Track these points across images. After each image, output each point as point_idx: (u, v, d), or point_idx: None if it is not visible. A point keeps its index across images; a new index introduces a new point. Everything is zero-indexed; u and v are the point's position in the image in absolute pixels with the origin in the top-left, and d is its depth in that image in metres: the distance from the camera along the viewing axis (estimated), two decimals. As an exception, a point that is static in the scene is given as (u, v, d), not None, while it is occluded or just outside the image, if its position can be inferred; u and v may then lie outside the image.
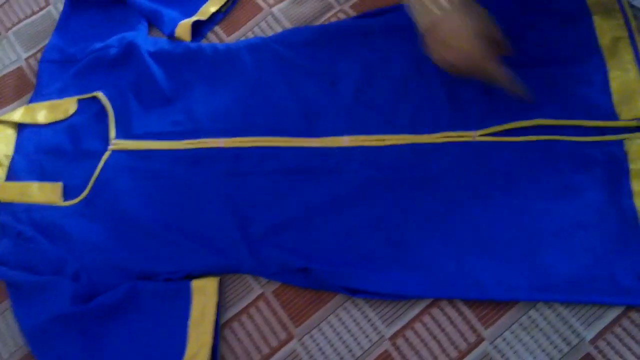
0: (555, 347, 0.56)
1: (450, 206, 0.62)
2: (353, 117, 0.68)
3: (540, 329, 0.57)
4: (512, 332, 0.57)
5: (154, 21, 0.79)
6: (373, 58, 0.71)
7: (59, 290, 0.63)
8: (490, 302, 0.58)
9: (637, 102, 0.63)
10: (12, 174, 0.73)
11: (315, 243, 0.62)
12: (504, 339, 0.57)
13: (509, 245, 0.59)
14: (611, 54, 0.66)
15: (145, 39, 0.77)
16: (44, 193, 0.70)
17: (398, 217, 0.63)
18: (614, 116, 0.63)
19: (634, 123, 0.62)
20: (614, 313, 0.57)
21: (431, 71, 0.68)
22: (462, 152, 0.64)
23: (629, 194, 0.60)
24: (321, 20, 0.76)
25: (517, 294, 0.58)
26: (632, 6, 0.67)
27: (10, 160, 0.74)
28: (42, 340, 0.62)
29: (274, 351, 0.60)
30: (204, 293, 0.61)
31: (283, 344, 0.60)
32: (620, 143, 0.62)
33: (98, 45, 0.77)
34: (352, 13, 0.75)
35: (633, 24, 0.66)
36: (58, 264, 0.65)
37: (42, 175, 0.72)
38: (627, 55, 0.66)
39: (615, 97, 0.64)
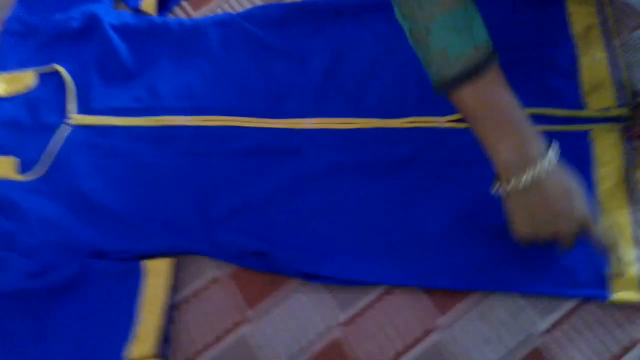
0: (511, 334, 0.56)
1: (413, 192, 0.61)
2: (320, 99, 0.67)
3: (496, 318, 0.56)
4: (467, 320, 0.56)
5: (119, -7, 0.77)
6: (344, 39, 0.70)
7: (9, 266, 0.61)
8: (447, 290, 0.57)
9: (605, 92, 0.62)
10: (-32, 147, 0.71)
11: (274, 226, 0.61)
12: (459, 327, 0.56)
13: (469, 233, 0.59)
14: (583, 42, 0.65)
15: (109, 12, 0.74)
16: (-1, 167, 0.68)
17: (359, 202, 0.62)
18: (581, 106, 0.63)
19: (600, 114, 0.61)
20: (569, 304, 0.56)
21: (402, 55, 0.67)
22: (428, 138, 0.63)
23: (592, 185, 0.59)
24: (292, -1, 0.74)
25: (475, 283, 0.57)
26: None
27: (-34, 134, 0.71)
28: (-10, 316, 0.61)
29: (227, 333, 0.59)
30: (156, 274, 0.60)
31: (236, 326, 0.59)
32: (585, 133, 0.61)
33: (60, 17, 0.75)
34: (325, -9, 0.73)
35: (607, 12, 0.65)
36: (10, 240, 0.63)
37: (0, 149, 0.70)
38: (599, 43, 0.65)
39: (584, 87, 0.63)
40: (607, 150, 0.60)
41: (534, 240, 0.52)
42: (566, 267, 0.56)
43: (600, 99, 0.62)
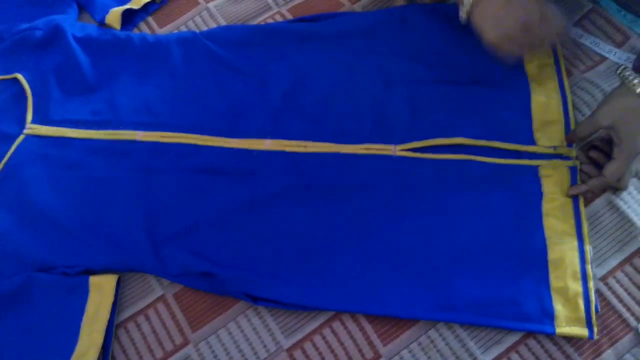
0: (451, 368, 0.56)
1: (364, 219, 0.62)
2: (278, 121, 0.67)
3: (438, 350, 0.56)
4: (409, 351, 0.56)
5: (85, 5, 0.77)
6: (305, 63, 0.70)
7: (-50, 276, 0.60)
8: (392, 318, 0.57)
9: (555, 129, 0.64)
10: None
11: (222, 247, 0.61)
12: (401, 357, 0.56)
13: (416, 262, 0.59)
14: (536, 80, 0.67)
15: (74, 24, 0.74)
16: (-52, 174, 0.67)
17: (310, 227, 0.61)
18: (532, 141, 0.64)
19: (550, 150, 0.63)
20: (512, 339, 0.57)
21: (361, 83, 0.68)
22: (381, 166, 0.64)
23: (540, 220, 0.60)
24: (257, 21, 0.74)
25: (419, 312, 0.57)
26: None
27: None
28: None
29: (168, 355, 0.58)
30: (100, 290, 0.59)
31: (178, 348, 0.58)
32: (535, 168, 0.63)
33: (24, 25, 0.74)
34: (289, 16, 0.74)
35: (560, 52, 0.67)
36: (-48, 249, 0.62)
37: (-48, 155, 0.69)
38: (552, 82, 0.66)
39: (535, 123, 0.65)
40: (554, 186, 0.62)
41: (511, 48, 0.58)
42: (513, 300, 0.57)
43: (550, 136, 0.64)
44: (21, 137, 0.68)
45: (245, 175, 0.64)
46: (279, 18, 0.74)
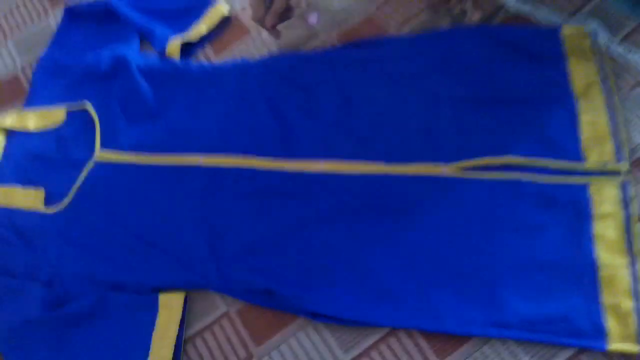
0: (506, 384, 0.57)
1: (416, 238, 0.64)
2: (329, 143, 0.70)
3: (493, 366, 0.58)
4: (464, 367, 0.58)
5: (146, 37, 0.82)
6: (353, 86, 0.73)
7: (31, 295, 0.65)
8: (446, 334, 0.59)
9: (604, 147, 0.65)
10: (-1, 178, 0.76)
11: (281, 266, 0.64)
12: (457, 373, 0.58)
13: (468, 279, 0.61)
14: (583, 98, 0.67)
15: (136, 55, 0.79)
16: (27, 198, 0.73)
17: (365, 245, 0.64)
18: (580, 159, 0.65)
19: (599, 167, 0.64)
20: (565, 354, 0.58)
21: (407, 104, 0.71)
22: (431, 186, 0.66)
23: (590, 237, 0.61)
24: (307, 47, 0.78)
25: (472, 328, 0.59)
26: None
27: (-3, 165, 0.77)
28: (10, 343, 0.65)
29: (234, 368, 0.61)
30: (169, 307, 0.63)
31: (243, 362, 0.62)
32: (584, 186, 0.63)
33: (91, 57, 0.80)
34: (337, 42, 0.77)
35: (607, 70, 0.68)
36: (32, 269, 0.68)
37: (27, 181, 0.75)
38: (599, 100, 0.67)
39: (583, 141, 0.65)
40: (605, 203, 0.62)
41: None
42: (564, 317, 0.58)
43: (600, 153, 0.64)
44: (91, 163, 0.73)
45: (300, 196, 0.67)
46: (327, 44, 0.78)
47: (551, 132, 0.67)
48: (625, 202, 0.62)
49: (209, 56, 0.81)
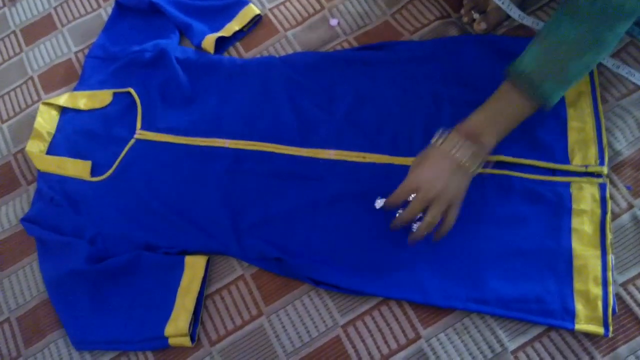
0: (481, 352, 0.65)
1: (411, 221, 0.72)
2: (341, 134, 0.78)
3: (471, 335, 0.66)
4: (446, 334, 0.66)
5: (185, 32, 0.92)
6: (366, 85, 0.81)
7: (77, 250, 0.76)
8: (432, 307, 0.68)
9: (588, 151, 0.71)
10: (52, 149, 0.87)
11: (290, 238, 0.73)
12: (438, 339, 0.66)
13: (454, 259, 0.68)
14: (573, 106, 0.74)
15: (176, 47, 0.89)
16: (76, 168, 0.83)
17: (365, 225, 0.72)
18: (566, 160, 0.72)
19: (582, 169, 0.70)
20: (536, 330, 0.65)
21: (413, 102, 0.79)
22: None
23: (568, 230, 0.68)
24: (327, 47, 0.86)
25: (455, 302, 0.67)
26: (599, 64, 0.76)
27: (52, 137, 0.87)
28: (58, 289, 0.75)
29: (245, 323, 0.71)
30: (193, 268, 0.73)
31: (253, 318, 0.71)
32: (567, 185, 0.70)
33: (136, 48, 0.90)
34: (355, 44, 0.86)
35: (596, 81, 0.75)
36: (79, 229, 0.78)
37: (76, 153, 0.85)
38: (587, 108, 0.74)
39: (570, 144, 0.72)
40: (584, 201, 0.69)
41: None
42: (538, 298, 0.65)
43: (583, 156, 0.71)
44: (132, 140, 0.84)
45: (312, 179, 0.76)
46: (346, 45, 0.86)
47: (542, 135, 0.73)
48: (603, 201, 0.69)
49: (239, 52, 0.90)
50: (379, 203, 0.72)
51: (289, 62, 0.85)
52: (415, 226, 0.69)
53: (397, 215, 0.67)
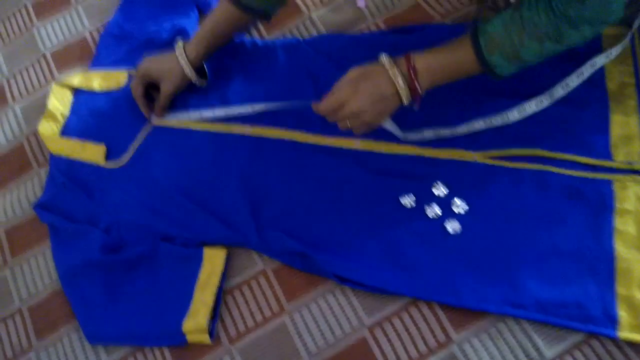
0: (516, 359, 0.62)
1: (442, 218, 0.68)
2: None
3: (506, 341, 0.62)
4: (479, 340, 0.63)
5: (204, 10, 0.87)
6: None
7: (91, 239, 0.73)
8: (465, 309, 0.64)
9: (632, 146, 0.67)
10: (66, 131, 0.83)
11: (316, 233, 0.69)
12: (471, 345, 0.63)
13: (489, 259, 0.65)
14: (616, 98, 0.70)
15: (194, 27, 0.85)
16: (89, 152, 0.80)
17: (392, 220, 0.69)
18: (609, 156, 0.68)
19: (625, 165, 0.66)
20: (576, 337, 0.61)
21: (445, 93, 0.74)
22: (462, 170, 0.70)
23: (610, 231, 0.64)
24: (354, 29, 0.82)
25: (489, 305, 0.63)
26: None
27: (65, 119, 0.84)
28: (71, 280, 0.72)
29: (266, 321, 0.68)
30: (212, 260, 0.70)
31: (274, 315, 0.68)
32: (609, 182, 0.66)
33: (153, 27, 0.86)
34: (383, 26, 0.81)
35: (643, 72, 0.70)
36: (93, 216, 0.75)
37: (91, 136, 0.82)
38: (632, 101, 0.69)
39: (612, 139, 0.68)
40: (628, 200, 0.65)
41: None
42: (578, 303, 0.62)
43: (627, 152, 0.67)
44: (149, 126, 0.80)
45: (337, 169, 0.72)
46: (373, 28, 0.81)
47: (582, 129, 0.69)
48: None
49: (262, 33, 0.85)
50: (407, 200, 0.68)
51: (314, 45, 0.80)
52: (449, 226, 0.66)
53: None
